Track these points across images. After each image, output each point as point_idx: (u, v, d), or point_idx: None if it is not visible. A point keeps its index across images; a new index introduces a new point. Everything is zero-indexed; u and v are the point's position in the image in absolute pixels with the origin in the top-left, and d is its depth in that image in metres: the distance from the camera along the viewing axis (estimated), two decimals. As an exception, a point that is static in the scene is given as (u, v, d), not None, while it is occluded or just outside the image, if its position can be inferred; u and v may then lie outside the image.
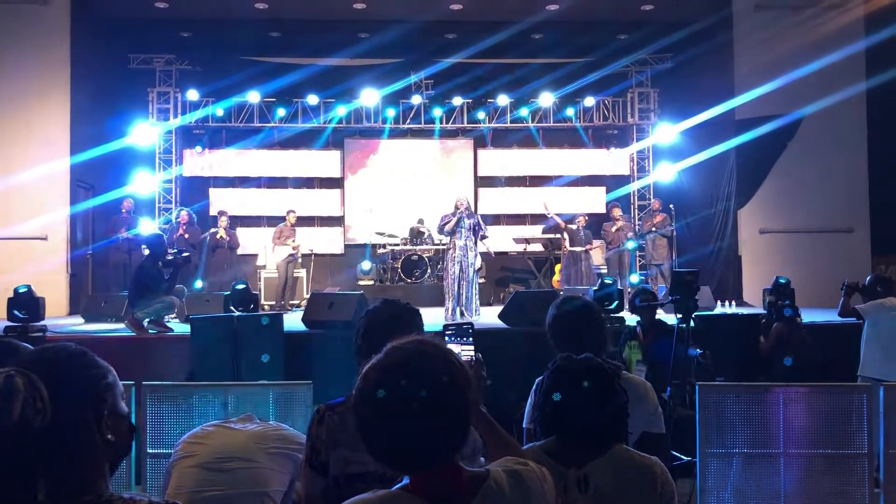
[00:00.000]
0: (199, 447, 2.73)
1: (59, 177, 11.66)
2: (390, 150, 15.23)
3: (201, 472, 2.65)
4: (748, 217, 12.81)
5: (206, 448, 2.72)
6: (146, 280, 8.21)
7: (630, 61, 14.40)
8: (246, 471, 2.66)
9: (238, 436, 2.79)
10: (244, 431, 2.81)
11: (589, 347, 2.25)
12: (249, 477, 2.65)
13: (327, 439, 2.18)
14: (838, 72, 11.46)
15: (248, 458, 2.69)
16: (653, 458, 2.03)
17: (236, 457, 2.69)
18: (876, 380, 5.34)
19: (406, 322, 2.31)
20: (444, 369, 1.34)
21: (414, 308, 2.42)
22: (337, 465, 2.15)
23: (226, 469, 2.66)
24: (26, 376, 1.27)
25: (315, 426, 2.23)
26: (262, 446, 2.74)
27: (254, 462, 2.69)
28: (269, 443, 2.75)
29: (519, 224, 14.98)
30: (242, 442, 2.75)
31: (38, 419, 1.25)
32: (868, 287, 6.27)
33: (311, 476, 2.20)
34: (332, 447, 2.16)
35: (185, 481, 2.65)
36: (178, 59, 14.25)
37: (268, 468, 2.69)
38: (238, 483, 2.64)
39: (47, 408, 1.27)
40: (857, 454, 4.23)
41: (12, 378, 1.26)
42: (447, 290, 9.63)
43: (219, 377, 6.10)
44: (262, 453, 2.72)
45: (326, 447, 2.17)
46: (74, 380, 1.37)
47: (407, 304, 2.42)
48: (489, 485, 1.36)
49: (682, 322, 5.66)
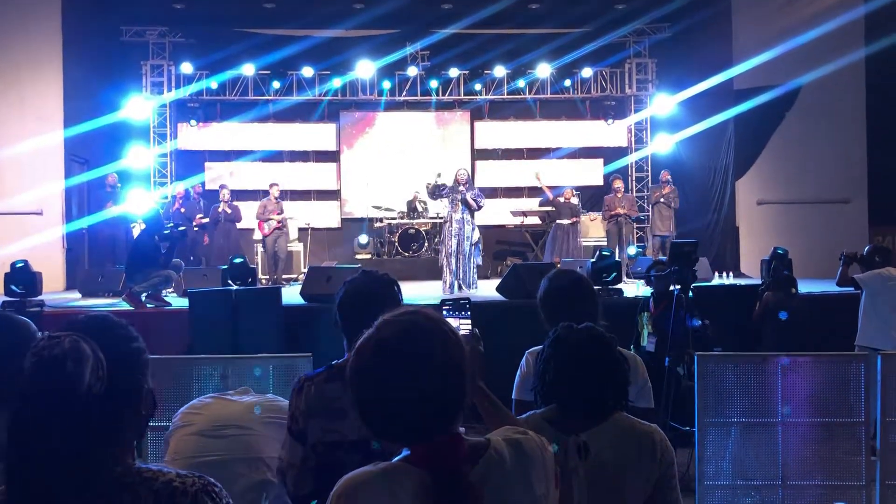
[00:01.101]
0: (197, 417, 2.81)
1: (52, 151, 11.58)
2: (386, 123, 15.14)
3: (199, 439, 2.74)
4: (746, 188, 12.80)
5: (203, 417, 2.80)
6: (143, 254, 8.20)
7: (628, 31, 14.27)
8: (241, 437, 2.75)
9: (234, 406, 2.88)
10: (241, 402, 2.91)
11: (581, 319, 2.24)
12: (245, 443, 2.75)
13: (305, 409, 2.22)
14: (837, 40, 11.36)
15: (243, 426, 2.78)
16: (653, 426, 2.04)
17: (232, 424, 2.79)
18: (873, 349, 5.35)
19: (382, 293, 2.33)
20: (439, 339, 1.33)
21: (392, 279, 2.43)
22: (315, 434, 2.20)
23: (222, 436, 2.76)
24: (89, 343, 1.26)
25: (295, 396, 2.28)
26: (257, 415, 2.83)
27: (249, 430, 2.79)
28: (264, 412, 2.84)
29: (516, 197, 14.93)
30: (238, 411, 2.84)
31: (98, 387, 1.25)
32: (866, 257, 6.28)
33: (291, 444, 2.26)
34: (310, 416, 2.21)
35: (183, 448, 2.74)
36: (171, 31, 14.10)
37: (262, 435, 2.79)
38: (234, 449, 2.73)
39: (105, 377, 1.26)
40: (854, 422, 4.26)
41: (79, 343, 1.25)
42: (444, 264, 9.61)
43: (217, 350, 6.10)
44: (257, 422, 2.82)
45: (304, 416, 2.22)
46: (124, 350, 1.37)
47: (385, 275, 2.44)
48: (490, 454, 1.35)
49: (681, 293, 5.67)
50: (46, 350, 1.24)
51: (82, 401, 1.23)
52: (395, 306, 2.07)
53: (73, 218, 12.16)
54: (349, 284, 2.38)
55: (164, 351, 5.31)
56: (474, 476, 1.32)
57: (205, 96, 14.28)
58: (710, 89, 12.71)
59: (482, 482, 1.32)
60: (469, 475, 1.31)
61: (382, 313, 1.40)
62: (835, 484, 4.27)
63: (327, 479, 1.33)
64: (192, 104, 14.64)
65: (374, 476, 1.31)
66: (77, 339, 1.25)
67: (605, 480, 1.92)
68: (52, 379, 1.22)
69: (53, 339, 1.25)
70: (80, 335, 1.27)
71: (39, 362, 1.23)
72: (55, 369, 1.22)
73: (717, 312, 7.30)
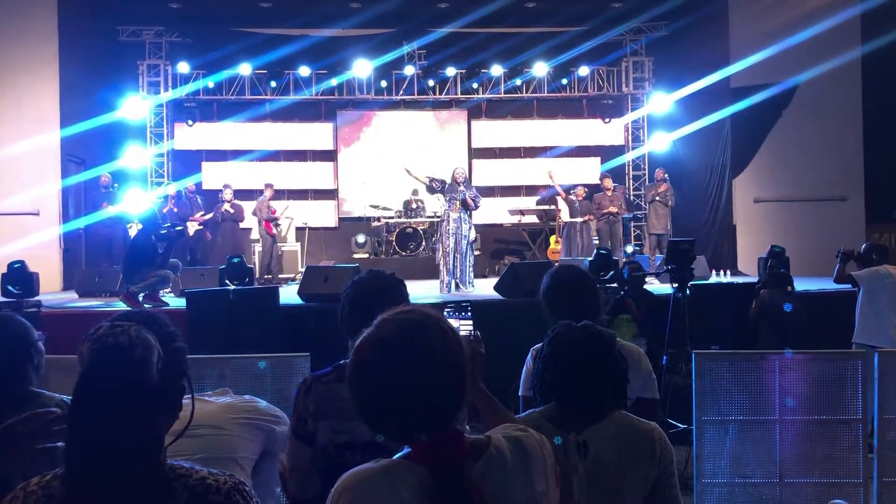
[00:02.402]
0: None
1: (49, 151, 11.56)
2: (383, 122, 15.14)
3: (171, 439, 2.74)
4: (743, 186, 12.81)
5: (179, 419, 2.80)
6: (140, 254, 8.19)
7: (624, 30, 14.27)
8: (215, 437, 2.74)
9: (209, 407, 2.88)
10: (216, 403, 2.91)
11: (584, 316, 2.25)
12: (218, 443, 2.74)
13: (315, 410, 2.18)
14: (833, 38, 11.37)
15: (217, 427, 2.77)
16: (652, 424, 2.04)
17: (206, 424, 2.78)
18: (871, 346, 5.37)
19: (391, 293, 2.29)
20: (438, 335, 1.33)
21: (398, 279, 2.40)
22: (325, 436, 2.16)
23: (196, 435, 2.75)
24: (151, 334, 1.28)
25: (302, 397, 2.24)
26: (232, 416, 2.83)
27: (223, 430, 2.78)
28: (237, 413, 2.84)
29: (513, 196, 14.94)
30: (213, 411, 2.84)
31: (157, 379, 1.27)
32: (863, 255, 6.29)
33: (297, 446, 2.22)
34: (320, 418, 2.17)
35: None
36: (167, 31, 14.08)
37: (237, 436, 2.78)
38: (207, 448, 2.72)
39: (161, 371, 1.28)
40: (851, 420, 4.26)
41: (144, 332, 1.27)
42: (441, 263, 9.61)
43: (215, 350, 6.09)
44: (232, 423, 2.81)
45: (314, 418, 2.18)
46: (173, 348, 1.39)
47: (392, 275, 2.41)
48: (491, 451, 1.36)
49: (678, 291, 5.67)
50: (111, 337, 1.25)
51: (150, 388, 1.25)
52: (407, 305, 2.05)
53: (70, 218, 12.14)
54: (356, 284, 2.34)
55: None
56: (475, 473, 1.32)
57: (201, 96, 14.27)
58: (706, 87, 12.71)
59: (483, 479, 1.32)
60: (470, 472, 1.31)
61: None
62: (832, 481, 4.27)
63: (333, 481, 1.33)
64: (189, 104, 14.63)
65: (375, 473, 1.31)
66: (140, 329, 1.27)
67: (605, 479, 1.92)
68: (120, 365, 1.23)
69: (117, 328, 1.27)
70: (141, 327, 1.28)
71: (104, 349, 1.24)
72: (124, 356, 1.24)
73: (714, 311, 7.33)
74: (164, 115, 14.29)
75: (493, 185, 14.93)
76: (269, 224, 12.14)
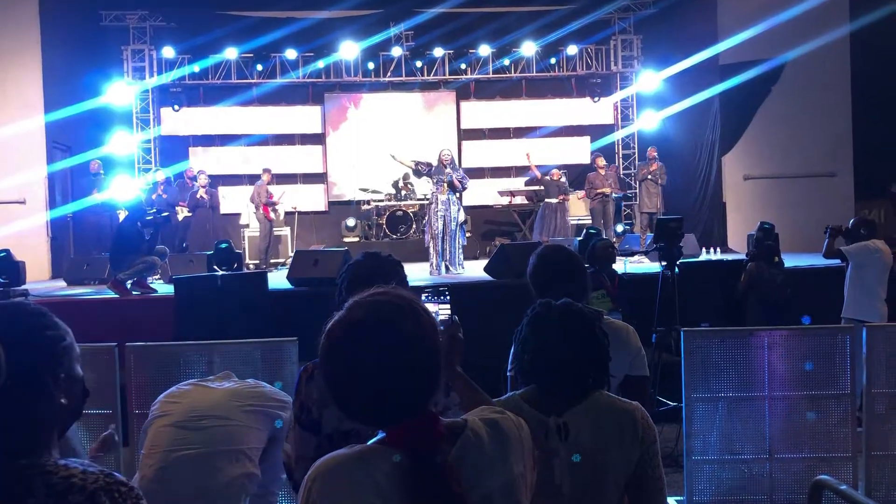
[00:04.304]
0: (175, 406, 2.70)
1: (34, 137, 11.45)
2: (371, 105, 15.04)
3: (176, 430, 2.63)
4: (732, 163, 12.82)
5: (181, 407, 2.69)
6: (127, 241, 8.14)
7: (613, 8, 14.18)
8: (221, 428, 2.63)
9: (214, 394, 2.76)
10: (220, 389, 2.78)
11: (571, 295, 2.22)
12: (225, 434, 2.63)
13: (318, 398, 2.11)
14: (822, 15, 11.34)
15: (223, 416, 2.66)
16: (634, 404, 2.00)
17: (211, 414, 2.66)
18: (859, 321, 5.39)
19: (388, 273, 2.23)
20: (410, 318, 1.31)
21: (395, 259, 2.36)
22: (330, 423, 2.10)
23: (201, 427, 2.63)
24: None
25: (304, 385, 2.17)
26: (238, 404, 2.71)
27: (229, 420, 2.66)
28: (245, 400, 2.72)
29: (503, 177, 14.88)
30: (218, 399, 2.72)
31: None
32: (852, 230, 6.30)
33: (301, 435, 2.15)
34: (325, 406, 2.10)
35: (160, 440, 2.63)
36: (151, 15, 13.90)
37: (244, 425, 2.67)
38: (213, 441, 2.61)
39: (3, 367, 1.21)
40: (840, 394, 4.28)
41: None
42: (431, 246, 9.58)
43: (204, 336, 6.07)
44: (238, 411, 2.69)
45: (318, 405, 2.12)
46: (32, 340, 1.30)
47: (389, 256, 2.36)
48: (467, 434, 1.34)
49: (667, 269, 5.67)
50: None
51: None
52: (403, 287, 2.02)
53: (57, 205, 12.05)
54: (354, 266, 2.29)
55: (150, 338, 5.28)
56: (451, 456, 1.30)
57: (187, 81, 14.13)
58: (695, 65, 12.68)
59: (459, 462, 1.30)
60: (446, 456, 1.29)
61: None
62: (822, 456, 4.30)
63: None
64: (175, 89, 14.47)
65: (349, 458, 1.29)
66: None
67: (587, 460, 1.88)
68: None
69: None
70: None
71: None
72: None
73: (703, 288, 7.34)
74: (150, 100, 14.15)
75: (483, 167, 14.87)
76: (268, 208, 12.07)
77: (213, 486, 2.58)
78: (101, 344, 4.26)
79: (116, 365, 4.25)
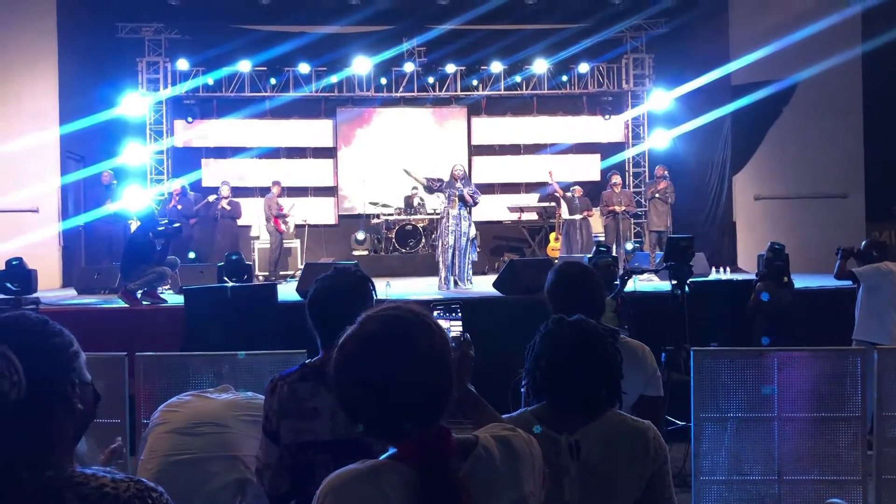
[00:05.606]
0: (175, 415, 2.80)
1: (48, 148, 11.55)
2: (383, 119, 15.11)
3: (175, 437, 2.73)
4: (743, 183, 12.78)
5: (180, 415, 2.79)
6: (138, 251, 8.17)
7: (625, 27, 14.24)
8: (217, 435, 2.73)
9: (212, 403, 2.87)
10: (219, 400, 2.89)
11: (588, 312, 2.22)
12: (221, 441, 2.72)
13: (278, 409, 2.20)
14: (834, 35, 11.33)
15: (220, 424, 2.76)
16: (646, 423, 1.99)
17: (209, 422, 2.77)
18: (871, 343, 5.35)
19: (354, 292, 2.29)
20: (423, 332, 1.31)
21: (365, 276, 2.39)
22: (288, 435, 2.18)
23: (198, 433, 2.74)
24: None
25: (268, 396, 2.26)
26: (235, 413, 2.81)
27: (227, 427, 2.76)
28: (241, 410, 2.83)
29: (513, 192, 14.92)
30: (216, 408, 2.82)
31: (14, 393, 1.20)
32: (863, 251, 6.27)
33: (266, 444, 2.24)
34: (283, 417, 2.19)
35: (159, 445, 2.74)
36: (166, 28, 14.05)
37: (239, 434, 2.76)
38: (209, 447, 2.71)
39: (23, 380, 1.21)
40: (850, 417, 4.24)
41: None
42: (440, 260, 9.59)
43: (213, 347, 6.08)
44: (235, 420, 2.79)
45: (277, 416, 2.20)
46: (43, 349, 1.29)
47: (357, 272, 2.41)
48: (478, 451, 1.34)
49: (677, 288, 5.66)
50: None
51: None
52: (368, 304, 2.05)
53: (70, 215, 12.13)
54: (320, 282, 2.35)
55: (159, 348, 5.30)
56: (462, 472, 1.30)
57: (201, 93, 14.24)
58: (707, 85, 12.69)
59: (470, 478, 1.30)
60: (457, 471, 1.29)
61: (354, 311, 1.39)
62: (831, 479, 4.26)
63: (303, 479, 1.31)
64: (189, 101, 14.59)
65: (362, 474, 1.29)
66: None
67: (597, 479, 1.87)
68: None
69: None
70: None
71: None
72: None
73: (713, 307, 7.31)
74: (164, 112, 14.26)
75: (493, 182, 14.90)
76: (278, 220, 12.12)
77: (209, 489, 2.67)
78: (111, 353, 4.29)
79: (126, 374, 4.27)
